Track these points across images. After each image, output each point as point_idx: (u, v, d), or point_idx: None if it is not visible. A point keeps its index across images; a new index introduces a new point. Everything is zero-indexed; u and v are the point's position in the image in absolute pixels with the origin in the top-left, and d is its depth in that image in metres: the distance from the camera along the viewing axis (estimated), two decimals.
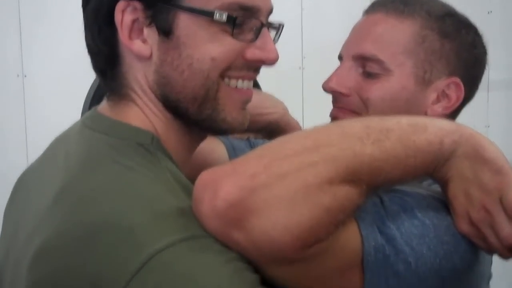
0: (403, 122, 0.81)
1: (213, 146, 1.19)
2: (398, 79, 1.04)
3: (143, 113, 0.88)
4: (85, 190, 0.80)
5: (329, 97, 1.11)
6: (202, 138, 0.94)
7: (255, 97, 1.05)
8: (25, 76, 2.41)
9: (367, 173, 0.75)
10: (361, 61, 1.06)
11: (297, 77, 2.81)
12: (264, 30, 0.87)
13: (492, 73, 3.18)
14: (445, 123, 0.84)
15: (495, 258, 0.88)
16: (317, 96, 1.16)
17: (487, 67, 3.25)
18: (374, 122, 0.80)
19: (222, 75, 0.86)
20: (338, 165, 0.73)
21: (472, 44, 1.10)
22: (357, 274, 0.79)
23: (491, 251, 0.82)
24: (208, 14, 0.82)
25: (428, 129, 0.81)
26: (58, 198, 0.81)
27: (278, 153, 0.75)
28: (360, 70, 1.07)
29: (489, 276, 0.99)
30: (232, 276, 0.71)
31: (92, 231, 0.74)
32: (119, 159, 0.81)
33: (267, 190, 0.71)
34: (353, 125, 0.80)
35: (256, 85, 1.44)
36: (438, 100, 1.07)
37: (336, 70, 1.09)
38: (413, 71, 1.05)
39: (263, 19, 0.87)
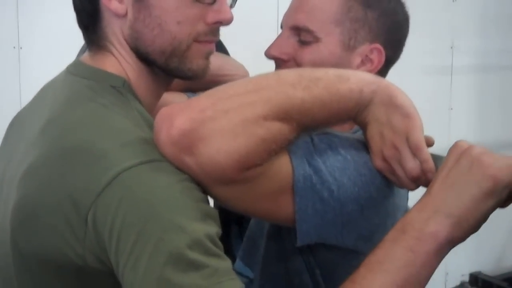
0: (330, 73, 0.95)
1: (177, 98, 1.30)
2: (327, 45, 1.15)
3: (118, 62, 1.01)
4: (66, 122, 0.94)
5: None
6: (167, 85, 1.09)
7: (219, 59, 1.19)
8: (21, 48, 2.52)
9: (297, 113, 0.89)
10: (296, 30, 1.17)
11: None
12: None
13: (455, 59, 3.40)
14: (366, 75, 0.98)
15: None
16: None
17: (451, 52, 3.52)
18: (306, 72, 0.95)
19: (195, 40, 1.00)
20: (273, 104, 0.88)
21: (393, 12, 1.20)
22: (288, 198, 0.94)
23: (399, 183, 0.97)
24: None
25: (351, 80, 0.94)
26: (44, 129, 0.96)
27: (224, 93, 0.90)
28: (296, 38, 1.17)
29: (406, 210, 1.13)
30: (182, 192, 0.86)
31: (70, 153, 0.90)
32: (96, 98, 0.96)
33: (213, 122, 0.85)
34: (288, 74, 0.95)
35: (224, 50, 1.59)
36: (362, 63, 1.18)
37: (276, 39, 1.20)
38: (340, 39, 1.16)
39: None
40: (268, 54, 1.20)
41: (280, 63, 1.19)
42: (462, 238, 0.87)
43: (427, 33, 3.23)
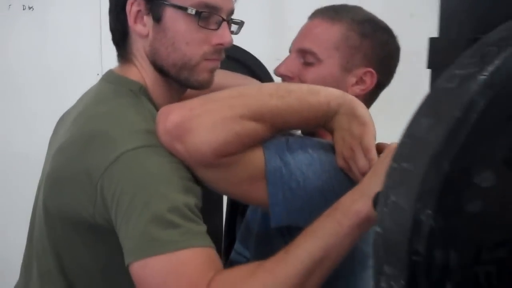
0: (304, 87, 1.15)
1: None
2: (327, 66, 1.35)
3: (139, 72, 1.26)
4: (91, 114, 1.20)
5: None
6: (181, 93, 1.32)
7: (240, 80, 1.42)
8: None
9: (270, 116, 1.10)
10: (302, 53, 1.37)
11: None
12: (224, 23, 1.23)
13: None
14: (334, 91, 1.16)
15: None
16: None
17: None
18: (283, 85, 1.15)
19: (204, 58, 1.23)
20: (250, 108, 1.08)
21: (386, 43, 1.40)
22: (262, 185, 1.12)
23: (355, 178, 1.13)
24: (184, 9, 1.19)
25: (320, 94, 1.14)
26: (75, 118, 1.22)
27: (212, 98, 1.11)
28: (302, 60, 1.37)
29: None
30: (170, 169, 1.08)
31: (90, 137, 1.14)
32: (116, 98, 1.21)
33: (199, 118, 1.06)
34: (269, 86, 1.16)
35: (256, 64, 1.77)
36: (356, 83, 1.37)
37: (285, 59, 1.41)
38: (339, 61, 1.35)
39: (223, 16, 1.23)
40: (277, 72, 1.41)
41: (287, 80, 1.39)
42: None
43: None
